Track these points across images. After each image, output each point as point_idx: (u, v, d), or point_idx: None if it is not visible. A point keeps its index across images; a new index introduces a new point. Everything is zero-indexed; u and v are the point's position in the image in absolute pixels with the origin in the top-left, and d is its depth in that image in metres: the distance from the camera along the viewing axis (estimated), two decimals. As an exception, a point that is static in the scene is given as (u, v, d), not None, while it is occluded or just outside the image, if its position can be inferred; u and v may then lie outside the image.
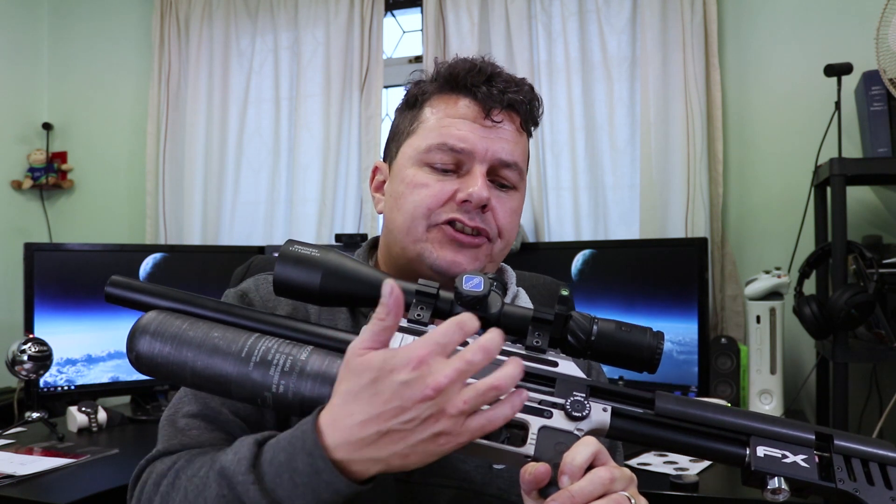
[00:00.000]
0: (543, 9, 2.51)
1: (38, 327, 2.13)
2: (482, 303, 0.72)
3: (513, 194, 0.95)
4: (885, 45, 1.88)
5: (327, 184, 2.69)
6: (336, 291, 0.75)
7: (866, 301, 1.73)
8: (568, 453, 0.65)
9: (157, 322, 0.73)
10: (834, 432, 0.67)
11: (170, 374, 0.72)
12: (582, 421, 0.68)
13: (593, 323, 0.71)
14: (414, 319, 0.73)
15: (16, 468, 1.64)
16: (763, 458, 0.66)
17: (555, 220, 2.50)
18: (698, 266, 2.06)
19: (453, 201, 0.90)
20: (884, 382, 2.12)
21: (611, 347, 0.70)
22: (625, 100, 2.43)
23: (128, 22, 3.06)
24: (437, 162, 0.91)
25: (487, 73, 0.93)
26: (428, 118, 0.94)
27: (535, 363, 0.71)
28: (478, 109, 0.92)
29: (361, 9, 2.68)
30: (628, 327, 0.71)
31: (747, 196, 2.35)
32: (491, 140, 0.91)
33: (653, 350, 0.70)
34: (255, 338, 0.72)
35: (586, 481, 0.63)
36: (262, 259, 1.20)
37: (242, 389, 0.71)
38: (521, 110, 0.94)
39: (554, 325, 0.71)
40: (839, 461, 0.66)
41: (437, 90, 0.95)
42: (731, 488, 1.56)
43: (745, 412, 0.69)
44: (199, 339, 0.72)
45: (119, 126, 3.06)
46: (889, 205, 2.21)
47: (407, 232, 0.91)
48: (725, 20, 2.37)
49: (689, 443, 0.69)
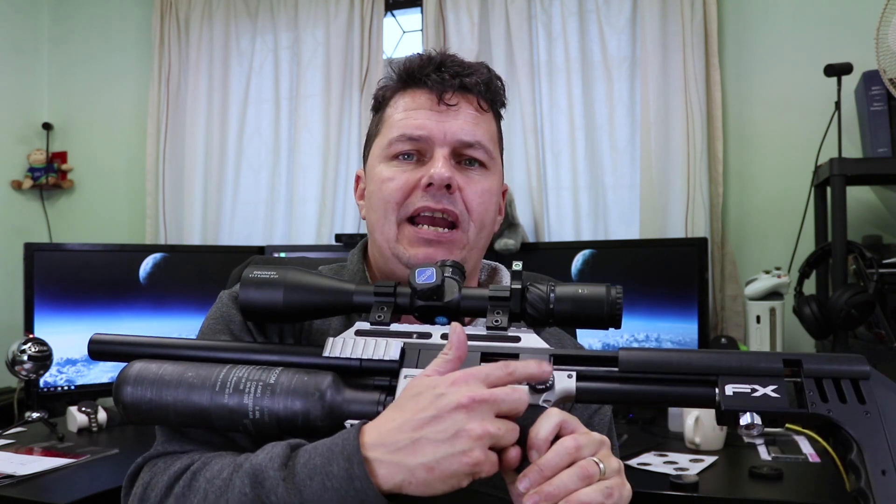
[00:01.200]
0: (543, 9, 2.51)
1: (38, 327, 2.13)
2: (438, 292, 0.75)
3: (484, 173, 0.95)
4: (885, 45, 1.88)
5: (327, 184, 2.69)
6: (300, 306, 0.78)
7: (866, 301, 1.73)
8: (532, 428, 0.66)
9: (137, 371, 0.77)
10: (803, 356, 0.67)
11: (155, 418, 0.76)
12: (547, 392, 0.69)
13: (550, 290, 0.72)
14: (375, 321, 0.76)
15: (16, 468, 1.64)
16: (732, 395, 0.66)
17: (555, 220, 2.50)
18: (698, 266, 2.06)
19: (419, 188, 0.91)
20: (884, 382, 2.11)
21: (571, 309, 0.72)
22: (625, 100, 2.43)
23: (128, 22, 3.06)
24: (400, 152, 0.93)
25: (437, 62, 0.94)
26: (389, 116, 0.96)
27: (496, 342, 0.73)
28: (431, 97, 0.93)
29: (361, 9, 2.68)
30: (585, 287, 0.72)
31: (747, 196, 2.35)
32: (448, 123, 0.92)
33: (612, 304, 0.71)
34: (227, 370, 0.75)
35: (552, 453, 0.64)
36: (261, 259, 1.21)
37: (222, 420, 0.74)
38: (475, 90, 0.94)
39: (512, 301, 0.73)
40: (810, 384, 0.66)
41: (395, 89, 0.97)
42: (731, 488, 1.56)
43: (711, 352, 0.69)
44: (175, 381, 0.76)
45: (119, 126, 3.06)
46: (889, 205, 2.21)
47: (381, 231, 0.93)
48: (725, 20, 2.37)
49: (658, 391, 0.69)
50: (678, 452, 1.78)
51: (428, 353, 0.72)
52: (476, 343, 0.73)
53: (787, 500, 1.50)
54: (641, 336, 2.14)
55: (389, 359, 0.73)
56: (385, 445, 0.65)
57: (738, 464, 1.71)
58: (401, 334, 0.75)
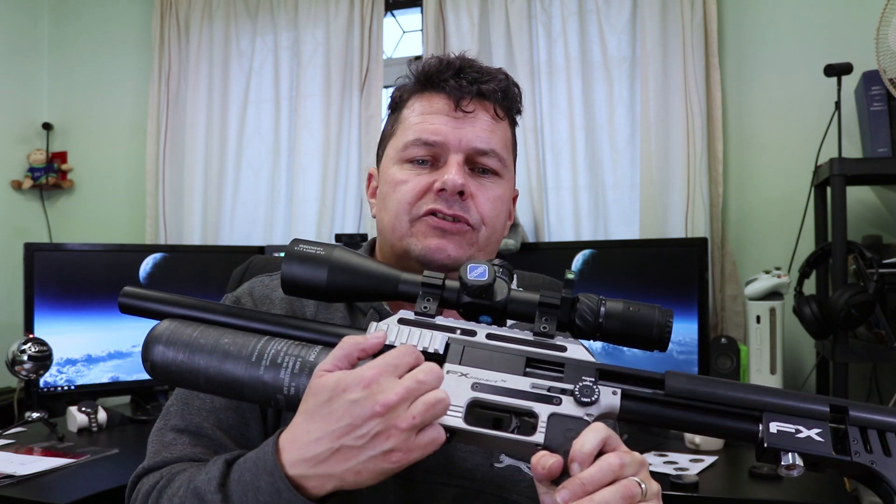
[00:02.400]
0: (543, 9, 2.51)
1: (38, 327, 2.13)
2: (488, 291, 0.72)
3: (496, 180, 0.95)
4: (885, 45, 1.88)
5: (327, 184, 2.69)
6: (343, 287, 0.75)
7: (866, 301, 1.73)
8: (577, 441, 0.64)
9: (170, 331, 0.75)
10: (849, 403, 0.66)
11: (184, 381, 0.74)
12: (591, 406, 0.67)
13: (601, 304, 0.71)
14: (421, 312, 0.73)
15: (16, 468, 1.64)
16: (776, 433, 0.65)
17: (555, 220, 2.50)
18: (698, 266, 2.06)
19: (431, 192, 0.91)
20: (884, 382, 2.12)
21: (620, 327, 0.70)
22: (625, 100, 2.43)
23: (128, 22, 3.06)
24: (415, 157, 0.92)
25: (456, 67, 0.94)
26: (405, 118, 0.96)
27: (543, 349, 0.71)
28: (449, 102, 0.93)
29: (361, 9, 2.68)
30: (636, 306, 0.71)
31: (747, 196, 2.35)
32: (464, 130, 0.92)
33: (662, 327, 0.70)
34: (264, 341, 0.73)
35: (596, 468, 0.63)
36: (262, 259, 1.20)
37: (255, 393, 0.72)
38: (492, 98, 0.95)
39: (561, 309, 0.71)
40: (855, 433, 0.64)
41: (413, 91, 0.97)
42: (731, 488, 1.56)
43: (757, 387, 0.68)
44: (210, 346, 0.73)
45: (119, 126, 3.06)
46: (889, 205, 2.21)
47: (393, 230, 0.93)
48: (725, 20, 2.37)
49: (701, 421, 0.68)
50: (678, 452, 1.78)
51: (472, 352, 0.71)
52: (521, 347, 0.71)
53: (786, 500, 1.50)
54: (641, 336, 2.14)
55: (433, 351, 0.71)
56: (307, 461, 0.66)
57: (738, 464, 1.71)
58: (445, 328, 0.73)
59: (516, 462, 0.90)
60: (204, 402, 0.88)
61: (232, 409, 0.88)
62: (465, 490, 0.88)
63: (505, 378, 0.69)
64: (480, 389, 0.69)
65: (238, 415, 0.88)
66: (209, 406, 0.88)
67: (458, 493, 0.87)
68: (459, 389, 0.69)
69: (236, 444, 0.86)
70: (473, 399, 0.68)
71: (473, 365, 0.70)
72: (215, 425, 0.87)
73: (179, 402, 0.89)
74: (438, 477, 0.88)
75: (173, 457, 0.84)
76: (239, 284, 1.12)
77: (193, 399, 0.89)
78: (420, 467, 0.87)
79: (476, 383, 0.69)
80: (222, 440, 0.86)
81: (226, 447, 0.85)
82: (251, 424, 0.89)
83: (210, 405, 0.88)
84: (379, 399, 0.64)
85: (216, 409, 0.88)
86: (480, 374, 0.70)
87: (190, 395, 0.89)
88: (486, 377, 0.69)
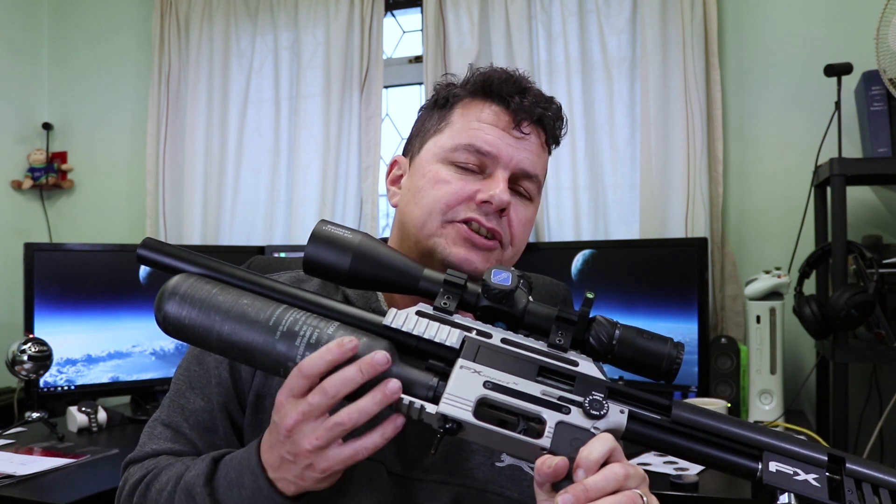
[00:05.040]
0: (543, 9, 2.51)
1: (38, 327, 2.13)
2: (509, 298, 0.73)
3: (529, 205, 0.96)
4: (885, 45, 1.88)
5: (327, 184, 2.69)
6: (364, 274, 0.76)
7: (866, 301, 1.73)
8: (584, 448, 0.65)
9: (188, 285, 0.74)
10: (847, 456, 0.68)
11: (196, 338, 0.74)
12: (599, 420, 0.68)
13: (615, 328, 0.72)
14: (440, 307, 0.74)
15: (16, 468, 1.64)
16: (775, 472, 0.66)
17: (555, 220, 2.50)
18: (698, 266, 2.06)
19: (473, 201, 0.90)
20: (884, 382, 2.12)
21: (631, 354, 0.71)
22: (625, 100, 2.43)
23: (128, 22, 3.06)
24: (462, 161, 0.92)
25: (521, 86, 0.94)
26: (457, 119, 0.95)
27: (556, 360, 0.71)
28: (508, 119, 0.93)
29: (361, 9, 2.68)
30: (650, 335, 0.72)
31: (747, 196, 2.35)
32: (517, 149, 0.92)
33: (672, 360, 0.71)
34: (283, 308, 0.73)
35: (600, 476, 0.63)
36: (262, 259, 1.20)
37: (266, 358, 0.72)
38: (548, 126, 0.96)
39: (577, 326, 0.72)
40: (850, 484, 0.66)
41: (469, 94, 0.96)
42: (730, 488, 1.56)
43: (759, 427, 0.70)
44: (227, 305, 0.73)
45: (119, 126, 3.06)
46: (889, 205, 2.21)
47: (422, 226, 0.91)
48: (725, 20, 2.37)
49: (703, 452, 0.70)
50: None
51: (486, 352, 0.71)
52: (535, 356, 0.72)
53: (786, 500, 1.50)
54: (641, 336, 2.14)
55: (449, 345, 0.71)
56: (270, 466, 0.73)
57: (738, 464, 1.71)
58: (462, 326, 0.73)
59: (517, 461, 0.90)
60: (188, 401, 0.92)
61: (207, 412, 0.92)
62: (465, 489, 0.88)
63: (517, 381, 0.70)
64: (491, 388, 0.69)
65: (210, 417, 0.92)
66: (192, 406, 0.92)
67: (458, 491, 0.88)
68: (471, 385, 0.69)
69: (207, 447, 0.90)
70: (483, 397, 0.68)
71: (487, 364, 0.71)
72: (193, 426, 0.91)
73: (170, 397, 0.95)
74: (438, 475, 0.88)
75: (156, 449, 0.90)
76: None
77: (180, 397, 0.93)
78: (420, 465, 0.88)
79: (488, 381, 0.69)
80: (196, 441, 0.91)
81: (198, 448, 0.90)
82: (219, 430, 0.92)
83: (193, 406, 0.92)
84: (283, 425, 0.70)
85: (196, 410, 0.92)
86: (493, 373, 0.70)
87: (180, 391, 0.94)
88: (499, 377, 0.70)
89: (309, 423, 0.69)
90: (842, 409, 1.76)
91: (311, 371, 0.69)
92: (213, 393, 0.92)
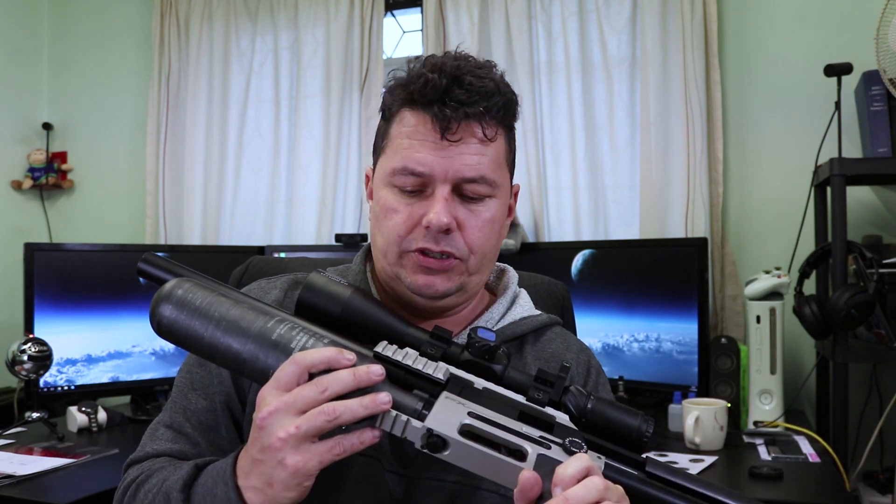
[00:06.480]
0: (543, 9, 2.51)
1: (38, 327, 2.13)
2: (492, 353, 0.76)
3: (487, 204, 0.91)
4: (885, 45, 1.88)
5: (327, 184, 2.69)
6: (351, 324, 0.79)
7: (866, 301, 1.73)
8: (560, 467, 0.66)
9: (183, 290, 0.75)
10: None
11: (188, 343, 0.75)
12: None
13: (591, 397, 0.74)
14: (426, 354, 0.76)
15: (16, 468, 1.64)
16: None
17: (555, 220, 2.50)
18: (698, 266, 2.06)
19: (421, 226, 0.89)
20: (884, 382, 2.12)
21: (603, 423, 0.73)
22: (625, 100, 2.43)
23: (128, 22, 3.06)
24: (402, 185, 0.90)
25: (442, 88, 0.88)
26: (394, 136, 0.92)
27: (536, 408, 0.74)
28: (435, 127, 0.88)
29: (361, 9, 2.68)
30: (621, 410, 0.74)
31: (747, 196, 2.35)
32: (450, 159, 0.88)
33: (642, 434, 0.73)
34: (274, 321, 0.74)
35: (581, 486, 0.64)
36: (261, 260, 1.20)
37: (255, 370, 0.73)
38: (482, 119, 0.89)
39: (554, 388, 0.74)
40: None
41: (400, 103, 0.92)
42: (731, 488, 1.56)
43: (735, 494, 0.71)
44: (220, 314, 0.74)
45: (119, 126, 3.06)
46: (889, 205, 2.21)
47: (385, 255, 0.92)
48: (725, 20, 2.37)
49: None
50: (678, 452, 1.78)
51: (469, 391, 0.73)
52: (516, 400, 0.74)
53: (787, 500, 1.50)
54: (641, 336, 2.14)
55: (436, 378, 0.73)
56: (242, 471, 0.73)
57: (738, 464, 1.71)
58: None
59: None
60: (190, 401, 0.93)
61: (209, 412, 0.92)
62: (462, 486, 0.88)
63: (500, 417, 0.71)
64: (475, 418, 0.70)
65: (213, 416, 0.92)
66: (194, 406, 0.92)
67: (455, 489, 0.88)
68: (455, 412, 0.70)
69: (209, 446, 0.91)
70: (467, 424, 0.69)
71: (471, 400, 0.72)
72: (195, 426, 0.91)
73: (172, 400, 0.94)
74: (436, 473, 0.88)
75: (157, 450, 0.90)
76: (238, 285, 1.12)
77: (182, 399, 0.93)
78: (418, 463, 0.88)
79: (472, 412, 0.70)
80: (199, 441, 0.91)
81: (201, 448, 0.90)
82: (222, 429, 0.92)
83: (195, 406, 0.92)
84: (259, 415, 0.69)
85: (198, 410, 0.92)
86: (476, 407, 0.71)
87: (182, 393, 0.94)
88: (482, 411, 0.71)
89: (288, 414, 0.68)
90: (842, 409, 1.76)
91: (304, 360, 0.70)
92: (216, 392, 0.92)
